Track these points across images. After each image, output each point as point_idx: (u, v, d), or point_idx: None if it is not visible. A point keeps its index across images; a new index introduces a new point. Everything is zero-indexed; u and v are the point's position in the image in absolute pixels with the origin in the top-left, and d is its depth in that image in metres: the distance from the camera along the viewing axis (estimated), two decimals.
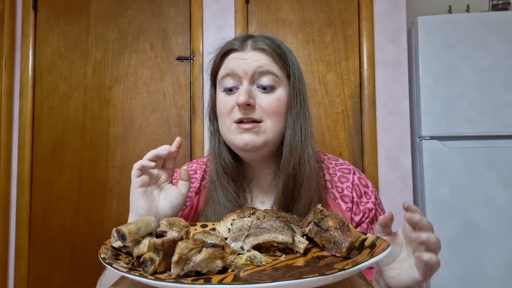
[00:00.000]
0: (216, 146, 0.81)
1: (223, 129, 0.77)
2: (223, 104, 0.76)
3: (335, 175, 0.83)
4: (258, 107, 0.74)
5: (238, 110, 0.73)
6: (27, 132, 1.96)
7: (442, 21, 1.88)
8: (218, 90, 0.80)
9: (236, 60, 0.75)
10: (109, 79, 1.98)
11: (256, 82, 0.75)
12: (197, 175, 0.87)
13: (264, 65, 0.74)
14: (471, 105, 1.83)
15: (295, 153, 0.75)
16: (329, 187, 0.81)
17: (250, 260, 0.48)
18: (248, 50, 0.76)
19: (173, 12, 1.99)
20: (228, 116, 0.75)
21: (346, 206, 0.79)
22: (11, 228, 1.94)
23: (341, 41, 1.92)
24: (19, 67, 1.99)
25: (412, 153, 1.90)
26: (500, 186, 1.79)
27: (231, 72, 0.75)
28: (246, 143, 0.73)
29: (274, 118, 0.75)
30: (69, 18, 2.00)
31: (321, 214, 0.56)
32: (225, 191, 0.78)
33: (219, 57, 0.79)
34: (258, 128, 0.74)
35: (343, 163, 0.87)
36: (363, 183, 0.83)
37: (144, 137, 1.95)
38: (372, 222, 0.80)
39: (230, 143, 0.77)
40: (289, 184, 0.75)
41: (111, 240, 0.51)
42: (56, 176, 1.95)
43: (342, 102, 1.90)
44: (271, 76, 0.75)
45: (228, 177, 0.79)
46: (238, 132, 0.74)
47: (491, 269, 1.76)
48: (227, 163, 0.79)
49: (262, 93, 0.75)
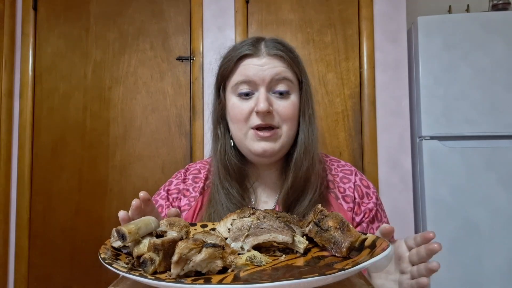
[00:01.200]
0: (223, 150, 0.81)
1: (238, 134, 0.78)
2: (238, 109, 0.77)
3: (337, 175, 0.84)
4: (275, 113, 0.75)
5: (257, 116, 0.75)
6: (27, 132, 1.96)
7: (442, 21, 1.88)
8: (230, 95, 0.79)
9: (252, 67, 0.76)
10: (109, 79, 1.98)
11: (273, 88, 0.76)
12: (201, 175, 0.87)
13: (280, 72, 0.75)
14: (471, 105, 1.83)
15: (308, 155, 0.77)
16: (332, 187, 0.82)
17: (250, 260, 0.48)
18: (263, 56, 0.76)
19: (173, 12, 1.99)
20: (244, 121, 0.76)
21: (348, 206, 0.80)
22: (11, 228, 1.94)
23: (341, 41, 1.92)
24: (19, 67, 1.99)
25: (412, 153, 1.90)
26: (500, 186, 1.79)
27: (247, 79, 0.75)
28: (265, 150, 0.75)
29: (290, 123, 0.77)
30: (69, 18, 2.00)
31: (321, 214, 0.56)
32: (227, 193, 0.78)
33: (233, 62, 0.78)
34: (276, 135, 0.76)
35: (345, 165, 0.88)
36: (365, 184, 0.84)
37: (144, 137, 1.95)
38: (372, 222, 0.81)
39: (246, 149, 0.78)
40: (298, 184, 0.76)
41: (111, 240, 0.51)
42: (56, 176, 1.95)
43: (342, 102, 1.90)
44: (287, 82, 0.76)
45: (232, 179, 0.80)
46: (256, 140, 0.76)
47: (491, 269, 1.76)
48: (233, 166, 0.80)
49: (278, 99, 0.76)
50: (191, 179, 0.88)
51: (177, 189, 0.86)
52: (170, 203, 0.85)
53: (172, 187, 0.87)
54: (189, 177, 0.88)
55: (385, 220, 0.84)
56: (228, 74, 0.80)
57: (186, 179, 0.88)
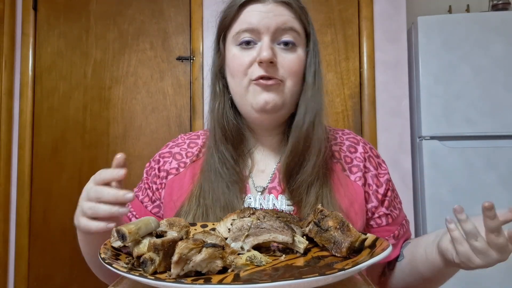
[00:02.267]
0: (220, 108, 0.74)
1: (237, 88, 0.71)
2: (238, 60, 0.70)
3: (343, 144, 0.79)
4: (280, 66, 0.68)
5: (259, 66, 0.68)
6: (27, 132, 1.96)
7: (442, 21, 1.88)
8: (230, 45, 0.72)
9: (256, 13, 0.68)
10: (109, 79, 1.98)
11: (278, 39, 0.69)
12: (199, 140, 0.82)
13: (287, 21, 0.69)
14: (471, 105, 1.83)
15: (311, 113, 0.70)
16: (337, 157, 0.77)
17: (250, 260, 0.48)
18: (269, 2, 0.69)
19: (173, 12, 1.99)
20: (244, 73, 0.69)
21: (355, 176, 0.75)
22: (11, 228, 1.94)
23: (341, 41, 1.92)
24: (19, 67, 1.99)
25: (412, 153, 1.90)
26: (500, 186, 1.79)
27: (250, 26, 0.68)
28: (267, 101, 0.68)
29: (295, 78, 0.70)
30: (69, 18, 2.00)
31: (321, 214, 0.56)
32: (222, 158, 0.73)
33: (235, 9, 0.70)
34: (280, 86, 0.69)
35: (350, 133, 0.83)
36: (375, 153, 0.80)
37: (144, 137, 1.95)
38: (393, 192, 0.79)
39: (246, 104, 0.71)
40: (298, 147, 0.70)
41: (111, 240, 0.51)
42: (56, 176, 1.95)
43: (342, 102, 1.90)
44: (294, 33, 0.69)
45: (227, 142, 0.73)
46: (258, 90, 0.68)
47: (491, 269, 1.75)
48: (230, 126, 0.73)
49: (283, 51, 0.69)
50: (187, 144, 0.82)
51: (169, 152, 0.81)
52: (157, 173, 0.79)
53: (165, 150, 0.82)
54: (186, 141, 0.83)
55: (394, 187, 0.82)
56: (229, 22, 0.72)
57: (181, 143, 0.83)
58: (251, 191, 0.74)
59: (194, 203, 0.71)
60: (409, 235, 0.80)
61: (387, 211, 0.76)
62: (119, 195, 0.55)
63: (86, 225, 0.57)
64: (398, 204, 0.80)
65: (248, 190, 0.74)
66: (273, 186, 0.74)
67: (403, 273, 0.74)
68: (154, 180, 0.80)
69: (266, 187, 0.74)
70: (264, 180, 0.76)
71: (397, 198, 0.81)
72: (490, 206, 0.52)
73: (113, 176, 0.58)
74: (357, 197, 0.73)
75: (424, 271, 0.69)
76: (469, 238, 0.55)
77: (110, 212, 0.55)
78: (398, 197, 0.81)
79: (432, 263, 0.66)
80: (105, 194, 0.56)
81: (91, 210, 0.57)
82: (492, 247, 0.54)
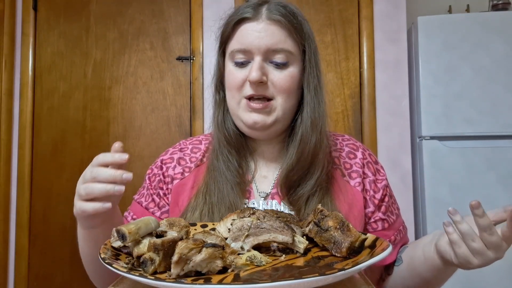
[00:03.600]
0: (220, 116, 0.77)
1: (231, 102, 0.74)
2: (232, 77, 0.73)
3: (343, 150, 0.80)
4: (270, 83, 0.71)
5: (250, 86, 0.71)
6: (27, 132, 1.96)
7: (442, 21, 1.88)
8: (227, 61, 0.75)
9: (249, 33, 0.71)
10: (109, 79, 1.98)
11: (269, 58, 0.71)
12: (201, 146, 0.83)
13: (278, 43, 0.70)
14: (471, 105, 1.83)
15: (316, 129, 0.72)
16: (337, 163, 0.78)
17: (250, 260, 0.48)
18: (262, 20, 0.71)
19: (173, 12, 1.99)
20: (238, 90, 0.72)
21: (355, 182, 0.76)
22: (11, 228, 1.94)
23: (341, 41, 1.92)
24: (19, 67, 1.99)
25: (412, 153, 1.90)
26: (500, 186, 1.79)
27: (242, 47, 0.71)
28: (256, 121, 0.71)
29: (285, 95, 0.72)
30: (69, 18, 2.00)
31: (321, 214, 0.56)
32: (226, 160, 0.75)
33: (231, 26, 0.73)
34: (269, 108, 0.71)
35: (350, 139, 0.84)
36: (373, 159, 0.81)
37: (144, 137, 1.95)
38: (391, 197, 0.79)
39: (238, 119, 0.74)
40: (304, 162, 0.72)
41: (111, 240, 0.51)
42: (56, 176, 1.95)
43: (342, 102, 1.90)
44: (285, 53, 0.71)
45: (230, 147, 0.76)
46: (248, 110, 0.71)
47: (491, 269, 1.75)
48: (231, 133, 0.76)
49: (275, 69, 0.71)
50: (190, 149, 0.83)
51: (171, 158, 0.82)
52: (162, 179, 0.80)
53: (167, 156, 0.83)
54: (188, 147, 0.84)
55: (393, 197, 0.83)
56: (226, 39, 0.75)
57: (184, 148, 0.84)
58: (254, 196, 0.75)
59: (201, 200, 0.72)
60: (406, 241, 0.81)
61: (383, 216, 0.76)
62: (117, 175, 0.54)
63: (81, 207, 0.57)
64: (395, 210, 0.80)
65: (252, 195, 0.75)
66: (276, 192, 0.75)
67: (402, 277, 0.74)
68: (160, 185, 0.80)
69: (269, 193, 0.76)
70: (267, 186, 0.77)
71: (395, 204, 0.81)
72: (477, 204, 0.53)
73: (114, 159, 0.56)
74: (356, 202, 0.74)
75: (423, 272, 0.69)
76: (466, 239, 0.56)
77: (106, 190, 0.54)
78: (396, 203, 0.82)
79: (431, 263, 0.66)
80: (101, 173, 0.55)
81: (86, 190, 0.56)
82: (487, 246, 0.55)
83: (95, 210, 0.56)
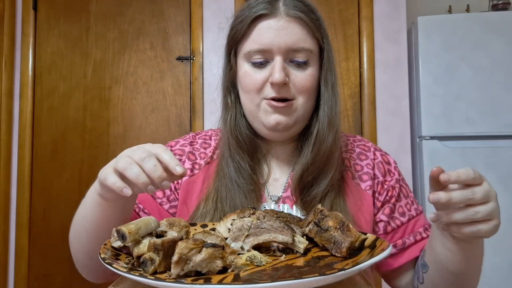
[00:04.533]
0: (233, 119, 0.74)
1: (249, 105, 0.71)
2: (251, 79, 0.69)
3: (353, 151, 0.78)
4: (292, 84, 0.68)
5: (271, 87, 0.68)
6: (27, 132, 1.96)
7: (442, 21, 1.88)
8: (241, 61, 0.71)
9: (268, 31, 0.67)
10: (109, 79, 1.98)
11: (290, 57, 0.68)
12: (211, 141, 0.80)
13: (299, 41, 0.68)
14: (471, 105, 1.83)
15: (333, 129, 0.70)
16: (348, 165, 0.76)
17: (250, 260, 0.48)
18: (281, 17, 0.67)
19: (173, 12, 1.99)
20: (257, 92, 0.69)
21: (366, 185, 0.74)
22: (11, 228, 1.94)
23: (341, 41, 1.92)
24: (19, 67, 1.99)
25: (412, 153, 1.90)
26: (500, 186, 1.79)
27: (261, 47, 0.67)
28: (279, 122, 0.69)
29: (307, 95, 0.70)
30: (69, 18, 2.00)
31: (321, 214, 0.56)
32: (238, 167, 0.72)
33: (246, 25, 0.68)
34: (291, 107, 0.69)
35: (361, 140, 0.82)
36: (385, 160, 0.78)
37: (144, 137, 1.95)
38: (399, 200, 0.75)
39: (257, 122, 0.71)
40: (320, 162, 0.70)
41: (111, 240, 0.51)
42: (56, 176, 1.95)
43: (342, 102, 1.90)
44: (306, 52, 0.69)
45: (243, 152, 0.73)
46: (270, 111, 0.69)
47: (491, 270, 1.76)
48: (244, 137, 0.73)
49: (296, 69, 0.69)
50: (199, 144, 0.80)
51: (181, 150, 0.78)
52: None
53: (177, 147, 0.79)
54: (198, 141, 0.81)
55: (411, 195, 0.78)
56: (240, 38, 0.70)
57: (194, 142, 0.80)
58: (266, 200, 0.74)
59: (211, 206, 0.70)
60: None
61: (386, 219, 0.74)
62: (161, 176, 0.49)
63: (106, 174, 0.52)
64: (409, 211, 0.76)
65: (264, 198, 0.74)
66: (287, 196, 0.74)
67: (434, 283, 0.69)
68: None
69: (281, 196, 0.74)
70: (278, 189, 0.75)
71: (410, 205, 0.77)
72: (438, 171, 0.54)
73: (169, 164, 0.51)
74: (367, 206, 0.72)
75: (451, 265, 0.63)
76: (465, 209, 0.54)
77: (140, 181, 0.49)
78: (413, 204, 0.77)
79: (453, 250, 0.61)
80: (150, 164, 0.50)
81: (125, 164, 0.51)
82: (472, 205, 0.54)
83: (113, 187, 0.51)
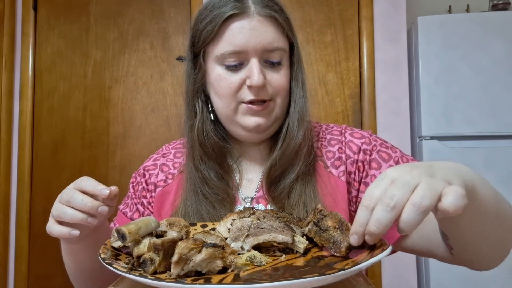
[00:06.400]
0: (200, 126, 0.72)
1: (225, 109, 0.69)
2: (226, 83, 0.67)
3: (324, 139, 0.76)
4: (269, 85, 0.67)
5: (249, 90, 0.66)
6: (27, 132, 1.96)
7: (442, 21, 1.88)
8: (213, 64, 0.68)
9: (241, 32, 0.64)
10: (109, 79, 1.98)
11: (264, 57, 0.67)
12: (185, 149, 0.78)
13: (273, 41, 0.66)
14: (471, 105, 1.83)
15: (303, 124, 0.70)
16: (319, 154, 0.73)
17: (250, 260, 0.48)
18: (253, 16, 0.65)
19: (173, 12, 1.99)
20: (233, 96, 0.67)
21: (339, 171, 0.71)
22: (11, 228, 1.94)
23: (341, 41, 1.92)
24: (19, 67, 1.99)
25: (412, 153, 1.90)
26: (500, 186, 1.78)
27: (236, 49, 0.65)
28: (259, 124, 0.68)
29: (284, 95, 0.69)
30: (69, 18, 2.01)
31: (320, 214, 0.56)
32: (203, 177, 0.71)
33: (217, 26, 0.65)
34: (269, 108, 0.68)
35: (334, 126, 0.78)
36: (357, 136, 0.74)
37: (144, 137, 1.95)
38: (371, 167, 0.71)
39: (235, 124, 0.70)
40: (288, 157, 0.69)
41: (111, 240, 0.51)
42: (56, 176, 1.95)
43: (342, 102, 1.90)
44: (280, 51, 0.67)
45: (209, 160, 0.71)
46: (249, 113, 0.68)
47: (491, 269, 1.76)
48: (212, 143, 0.71)
49: (271, 69, 0.68)
50: (173, 154, 0.79)
51: (154, 165, 0.78)
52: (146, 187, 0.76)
53: (149, 163, 0.79)
54: (171, 151, 0.80)
55: (396, 156, 0.71)
56: (210, 40, 0.67)
57: (167, 153, 0.80)
58: (240, 202, 0.73)
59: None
60: None
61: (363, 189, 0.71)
62: (93, 206, 0.51)
63: (49, 227, 0.54)
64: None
65: (238, 201, 0.73)
66: (261, 195, 0.72)
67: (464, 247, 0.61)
68: (143, 194, 0.77)
69: (254, 197, 0.73)
70: (251, 190, 0.74)
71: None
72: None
73: (94, 190, 0.54)
74: (340, 194, 0.70)
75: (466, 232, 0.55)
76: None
77: (77, 219, 0.52)
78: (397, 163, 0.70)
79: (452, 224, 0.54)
80: (77, 200, 0.53)
81: (57, 211, 0.54)
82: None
83: (61, 235, 0.53)
